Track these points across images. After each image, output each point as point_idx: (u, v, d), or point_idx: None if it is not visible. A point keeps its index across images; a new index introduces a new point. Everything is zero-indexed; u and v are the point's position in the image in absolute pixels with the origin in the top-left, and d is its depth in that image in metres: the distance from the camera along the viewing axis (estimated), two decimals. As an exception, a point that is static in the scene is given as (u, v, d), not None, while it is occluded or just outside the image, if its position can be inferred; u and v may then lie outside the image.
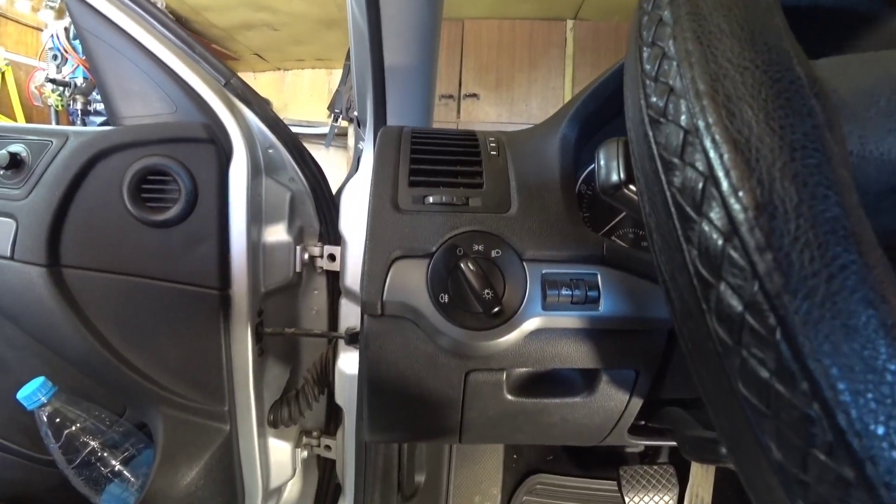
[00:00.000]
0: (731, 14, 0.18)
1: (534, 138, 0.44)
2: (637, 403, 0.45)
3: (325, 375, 0.74)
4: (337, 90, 2.81)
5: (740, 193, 0.16)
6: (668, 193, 0.18)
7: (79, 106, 2.05)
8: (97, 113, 2.05)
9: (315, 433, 0.82)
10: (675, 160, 0.18)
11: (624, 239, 0.51)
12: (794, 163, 0.15)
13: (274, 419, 0.72)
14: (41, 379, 0.55)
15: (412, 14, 0.47)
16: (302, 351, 0.82)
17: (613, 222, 0.50)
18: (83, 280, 0.57)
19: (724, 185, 0.16)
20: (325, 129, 2.85)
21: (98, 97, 1.93)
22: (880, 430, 0.13)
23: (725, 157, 0.16)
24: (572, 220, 0.39)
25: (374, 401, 0.42)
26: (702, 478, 0.94)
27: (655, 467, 0.91)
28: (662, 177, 0.19)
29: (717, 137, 0.16)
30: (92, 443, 0.55)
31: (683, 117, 0.18)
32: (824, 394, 0.14)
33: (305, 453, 0.81)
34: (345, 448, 0.77)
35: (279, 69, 3.47)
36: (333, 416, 0.83)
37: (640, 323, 0.40)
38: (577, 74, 2.59)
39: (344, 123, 2.80)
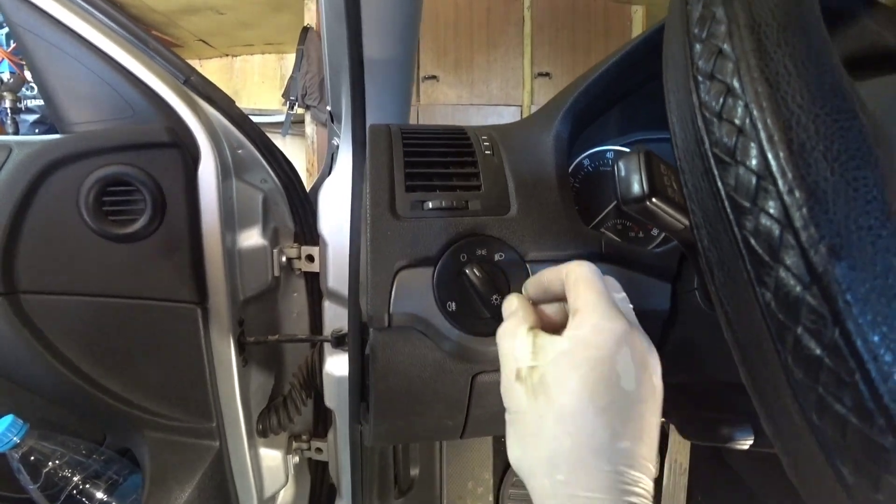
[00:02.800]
0: (795, 52, 0.18)
1: (527, 135, 0.43)
2: (634, 389, 0.46)
3: (312, 379, 0.72)
4: (291, 76, 2.70)
5: (821, 247, 0.16)
6: (738, 235, 0.19)
7: (7, 104, 1.85)
8: (29, 110, 1.87)
9: (304, 437, 0.81)
10: (747, 204, 0.18)
11: (612, 230, 0.51)
12: (867, 216, 0.16)
13: (263, 428, 0.70)
14: (10, 417, 0.51)
15: (394, 4, 0.45)
16: (285, 355, 0.79)
17: (601, 215, 0.51)
18: (45, 306, 0.53)
19: (804, 236, 0.17)
20: (281, 118, 2.74)
21: (29, 93, 1.77)
22: None
23: (804, 209, 0.17)
24: (570, 219, 0.39)
25: (382, 410, 0.41)
26: (679, 444, 0.99)
27: (638, 438, 0.95)
28: (731, 218, 0.19)
29: (796, 190, 0.17)
30: (74, 477, 0.52)
31: (755, 162, 0.18)
32: None
33: (297, 458, 0.80)
34: (338, 450, 0.76)
35: (227, 55, 3.28)
36: (322, 417, 0.81)
37: (638, 315, 0.41)
38: (535, 53, 2.58)
39: (300, 111, 2.70)
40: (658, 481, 0.99)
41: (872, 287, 0.16)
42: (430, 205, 0.38)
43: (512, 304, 0.32)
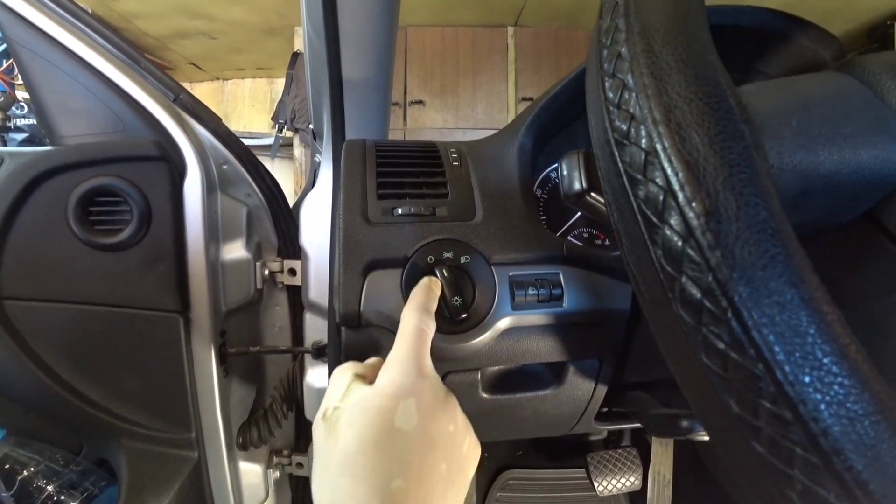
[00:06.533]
0: (677, 52, 0.22)
1: (493, 147, 0.46)
2: (602, 390, 0.48)
3: (293, 392, 0.73)
4: (280, 100, 2.75)
5: (693, 204, 0.19)
6: (634, 204, 0.22)
7: (-4, 122, 1.87)
8: (18, 129, 1.89)
9: (286, 451, 0.81)
10: (639, 176, 0.21)
11: (579, 238, 0.54)
12: (731, 178, 0.19)
13: (243, 441, 0.70)
14: (-14, 422, 0.51)
15: (369, 27, 0.48)
16: (266, 368, 0.80)
17: (569, 223, 0.54)
18: (28, 312, 0.54)
19: (681, 197, 0.20)
20: (270, 140, 2.78)
21: (18, 112, 1.78)
22: (807, 379, 0.17)
23: (680, 174, 0.20)
24: (533, 224, 0.42)
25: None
26: (662, 456, 1.00)
27: (620, 451, 0.96)
28: (629, 190, 0.22)
29: (673, 159, 0.20)
30: (48, 487, 0.52)
31: (644, 141, 0.21)
32: (766, 356, 0.18)
33: (277, 473, 0.79)
34: (318, 463, 0.76)
35: (217, 79, 3.33)
36: (303, 432, 0.81)
37: (601, 315, 0.43)
38: (519, 79, 2.66)
39: (289, 134, 2.74)
40: (642, 493, 1.00)
41: (737, 236, 0.19)
42: (400, 211, 0.40)
43: None
